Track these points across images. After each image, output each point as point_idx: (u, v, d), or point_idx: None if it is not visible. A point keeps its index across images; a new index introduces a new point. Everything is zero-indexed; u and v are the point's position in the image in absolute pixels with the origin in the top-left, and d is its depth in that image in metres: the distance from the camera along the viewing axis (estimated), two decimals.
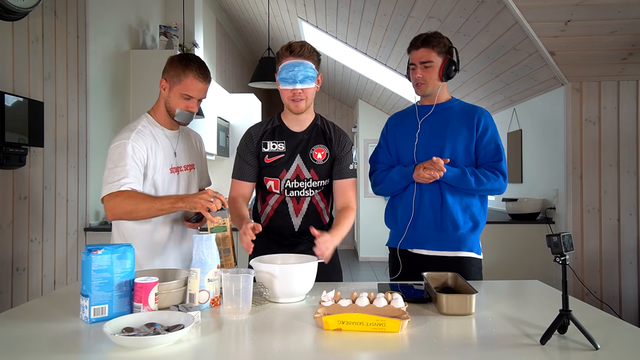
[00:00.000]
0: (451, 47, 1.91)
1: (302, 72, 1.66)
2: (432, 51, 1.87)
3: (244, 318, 1.29)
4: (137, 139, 1.65)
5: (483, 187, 1.85)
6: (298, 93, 1.68)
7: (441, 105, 1.95)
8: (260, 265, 1.45)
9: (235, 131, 5.77)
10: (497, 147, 1.89)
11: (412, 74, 1.93)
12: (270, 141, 1.78)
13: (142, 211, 1.56)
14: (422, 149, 1.91)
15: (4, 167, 2.38)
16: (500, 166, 1.88)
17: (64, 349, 1.08)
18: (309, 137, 1.79)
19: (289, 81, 1.67)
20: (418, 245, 1.92)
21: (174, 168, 1.77)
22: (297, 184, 1.77)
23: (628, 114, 3.41)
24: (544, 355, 1.03)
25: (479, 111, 1.92)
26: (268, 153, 1.78)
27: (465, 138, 1.89)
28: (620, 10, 2.67)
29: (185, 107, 1.71)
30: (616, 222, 3.43)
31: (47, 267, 2.81)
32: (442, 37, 1.90)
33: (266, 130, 1.80)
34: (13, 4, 2.26)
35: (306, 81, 1.68)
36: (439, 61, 1.88)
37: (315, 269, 1.47)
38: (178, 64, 1.69)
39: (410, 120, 1.99)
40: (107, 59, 3.56)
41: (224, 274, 1.31)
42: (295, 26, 5.74)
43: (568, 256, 1.13)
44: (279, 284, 1.41)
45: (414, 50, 1.91)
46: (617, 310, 3.41)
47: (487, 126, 1.90)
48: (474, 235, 1.91)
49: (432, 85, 1.90)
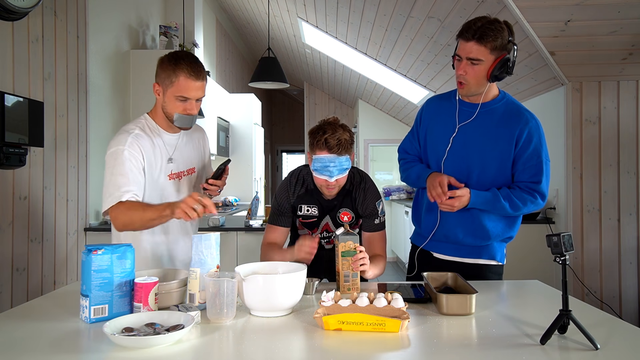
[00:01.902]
0: (510, 41, 1.60)
1: (337, 167, 1.62)
2: (485, 48, 1.57)
3: (228, 323, 1.25)
4: (133, 144, 1.58)
5: (519, 212, 1.67)
6: (332, 184, 1.66)
7: (485, 106, 1.70)
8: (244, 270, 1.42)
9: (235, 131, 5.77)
10: (540, 164, 1.66)
11: (456, 66, 1.64)
12: (305, 205, 1.79)
13: (137, 222, 1.50)
14: (451, 156, 1.72)
15: (4, 167, 2.38)
16: (540, 188, 1.66)
17: (64, 349, 1.08)
18: (338, 203, 1.79)
19: (324, 174, 1.63)
20: (441, 250, 1.81)
21: (174, 174, 1.71)
22: (327, 234, 1.83)
23: (628, 114, 3.41)
24: (544, 355, 1.03)
25: (524, 119, 1.66)
26: (302, 216, 1.80)
27: (500, 153, 1.67)
28: (620, 10, 2.67)
29: (183, 110, 1.60)
30: (616, 222, 3.42)
31: (47, 267, 2.81)
32: (502, 29, 1.57)
33: (302, 193, 1.79)
34: (13, 4, 2.26)
35: (342, 173, 1.64)
36: (490, 59, 1.58)
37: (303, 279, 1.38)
38: (167, 65, 1.58)
39: (448, 117, 1.75)
40: (107, 59, 3.56)
41: (208, 279, 1.26)
42: (295, 26, 5.74)
43: (568, 256, 1.13)
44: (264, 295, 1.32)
45: (463, 41, 1.60)
46: (617, 310, 3.41)
47: (531, 138, 1.65)
48: (502, 244, 1.80)
49: (475, 86, 1.64)
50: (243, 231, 3.34)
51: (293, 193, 1.78)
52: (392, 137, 7.37)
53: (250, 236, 3.34)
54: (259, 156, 6.09)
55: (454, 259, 1.79)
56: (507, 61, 1.58)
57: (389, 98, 6.66)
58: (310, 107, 8.53)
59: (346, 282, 1.54)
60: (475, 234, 1.73)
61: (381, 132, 7.49)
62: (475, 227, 1.72)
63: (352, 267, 1.52)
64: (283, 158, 11.05)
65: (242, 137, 5.79)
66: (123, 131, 1.63)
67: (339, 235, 1.55)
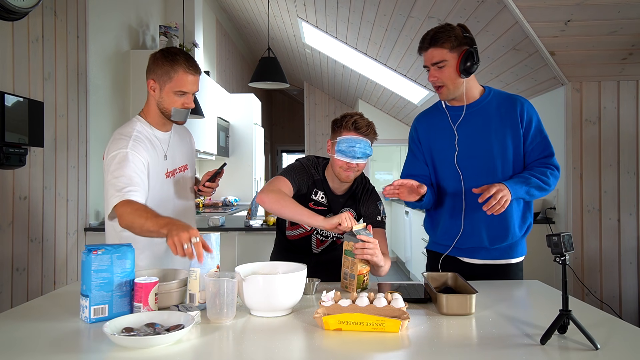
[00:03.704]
0: (466, 36, 1.66)
1: (362, 149, 1.67)
2: (443, 49, 1.64)
3: (228, 323, 1.25)
4: (135, 146, 1.58)
5: (549, 186, 1.66)
6: (353, 167, 1.69)
7: (476, 104, 1.73)
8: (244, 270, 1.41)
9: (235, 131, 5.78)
10: (544, 139, 1.71)
11: (428, 77, 1.72)
12: (321, 191, 1.81)
13: (136, 229, 1.45)
14: (466, 159, 1.72)
15: (4, 167, 2.38)
16: (553, 160, 1.69)
17: (64, 349, 1.08)
18: (343, 201, 1.83)
19: (347, 155, 1.66)
20: (468, 255, 1.78)
21: (169, 172, 1.72)
22: (325, 232, 1.84)
23: (628, 114, 3.41)
24: (544, 355, 1.03)
25: (519, 101, 1.72)
26: (314, 201, 1.81)
27: (512, 137, 1.69)
28: (620, 10, 2.67)
29: (181, 104, 1.64)
30: (616, 222, 3.42)
31: (47, 267, 2.81)
32: (452, 28, 1.66)
33: (317, 180, 1.81)
34: (13, 4, 2.26)
35: (364, 157, 1.69)
36: (453, 57, 1.64)
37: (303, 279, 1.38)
38: (164, 61, 1.60)
39: (443, 125, 1.77)
40: (107, 59, 3.56)
41: (208, 279, 1.26)
42: (295, 26, 5.74)
43: (568, 256, 1.13)
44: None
45: (423, 52, 1.69)
46: (617, 310, 3.41)
47: (531, 117, 1.70)
48: (524, 239, 1.81)
49: (452, 85, 1.68)
50: (243, 231, 3.34)
51: (314, 177, 1.80)
52: (392, 137, 7.37)
53: (250, 236, 3.34)
54: (259, 156, 6.10)
55: (485, 262, 1.77)
56: (470, 53, 1.64)
57: (389, 98, 6.66)
58: (310, 107, 8.53)
59: (345, 280, 1.55)
60: (499, 235, 1.73)
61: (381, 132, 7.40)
62: (499, 229, 1.72)
63: (356, 255, 1.52)
64: (283, 158, 11.05)
65: (242, 137, 5.79)
66: (121, 135, 1.61)
67: (346, 234, 1.55)
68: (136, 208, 1.45)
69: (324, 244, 1.88)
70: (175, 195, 1.76)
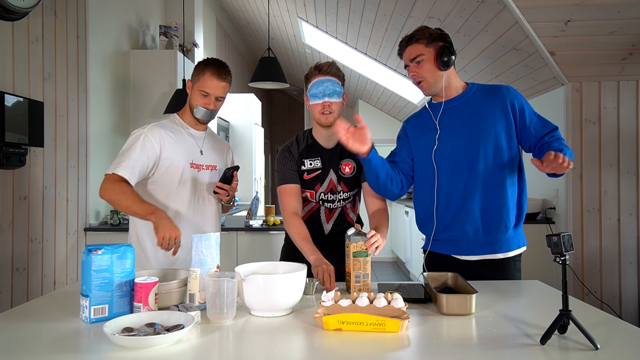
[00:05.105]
0: (441, 34, 1.74)
1: (330, 87, 1.76)
2: (419, 45, 1.73)
3: (228, 323, 1.25)
4: (152, 129, 1.77)
5: (571, 152, 1.65)
6: (327, 106, 1.76)
7: (459, 98, 1.77)
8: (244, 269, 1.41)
9: (235, 131, 5.78)
10: (540, 117, 1.74)
11: (408, 74, 1.80)
12: (308, 159, 1.86)
13: (121, 207, 1.66)
14: (445, 154, 1.74)
15: (4, 167, 2.38)
16: (558, 132, 1.69)
17: (64, 349, 1.08)
18: (339, 152, 1.86)
19: (318, 96, 1.76)
20: (463, 252, 1.77)
21: (195, 164, 1.85)
22: (331, 197, 1.88)
23: (628, 114, 3.41)
24: (544, 355, 1.03)
25: (502, 90, 1.75)
26: (307, 170, 1.86)
27: (504, 125, 1.71)
28: (620, 10, 2.67)
29: (203, 104, 1.82)
30: (616, 222, 3.43)
31: (47, 267, 2.81)
32: (427, 27, 1.75)
33: (303, 148, 1.87)
34: (13, 4, 2.26)
35: (334, 96, 1.76)
36: (430, 51, 1.72)
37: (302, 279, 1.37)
38: (200, 64, 1.83)
39: (429, 123, 1.81)
40: (107, 59, 3.56)
41: (208, 279, 1.26)
42: (295, 26, 5.74)
43: (568, 256, 1.13)
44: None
45: (402, 53, 1.79)
46: (617, 310, 3.41)
47: (521, 101, 1.73)
48: (520, 230, 1.79)
49: (432, 79, 1.74)
50: (243, 231, 3.34)
51: (297, 151, 1.87)
52: (392, 137, 7.33)
53: (250, 236, 3.34)
54: (259, 156, 6.10)
55: (480, 258, 1.75)
56: (445, 47, 1.71)
57: (389, 98, 6.67)
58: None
59: (357, 283, 1.53)
60: (492, 221, 1.72)
61: (381, 132, 7.50)
62: (493, 216, 1.72)
63: (365, 247, 1.52)
64: None
65: (242, 137, 5.79)
66: (152, 123, 1.84)
67: (351, 235, 1.55)
68: (123, 190, 1.66)
69: (333, 215, 1.89)
70: (195, 187, 1.85)
